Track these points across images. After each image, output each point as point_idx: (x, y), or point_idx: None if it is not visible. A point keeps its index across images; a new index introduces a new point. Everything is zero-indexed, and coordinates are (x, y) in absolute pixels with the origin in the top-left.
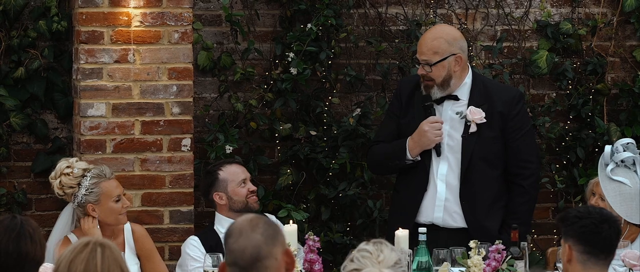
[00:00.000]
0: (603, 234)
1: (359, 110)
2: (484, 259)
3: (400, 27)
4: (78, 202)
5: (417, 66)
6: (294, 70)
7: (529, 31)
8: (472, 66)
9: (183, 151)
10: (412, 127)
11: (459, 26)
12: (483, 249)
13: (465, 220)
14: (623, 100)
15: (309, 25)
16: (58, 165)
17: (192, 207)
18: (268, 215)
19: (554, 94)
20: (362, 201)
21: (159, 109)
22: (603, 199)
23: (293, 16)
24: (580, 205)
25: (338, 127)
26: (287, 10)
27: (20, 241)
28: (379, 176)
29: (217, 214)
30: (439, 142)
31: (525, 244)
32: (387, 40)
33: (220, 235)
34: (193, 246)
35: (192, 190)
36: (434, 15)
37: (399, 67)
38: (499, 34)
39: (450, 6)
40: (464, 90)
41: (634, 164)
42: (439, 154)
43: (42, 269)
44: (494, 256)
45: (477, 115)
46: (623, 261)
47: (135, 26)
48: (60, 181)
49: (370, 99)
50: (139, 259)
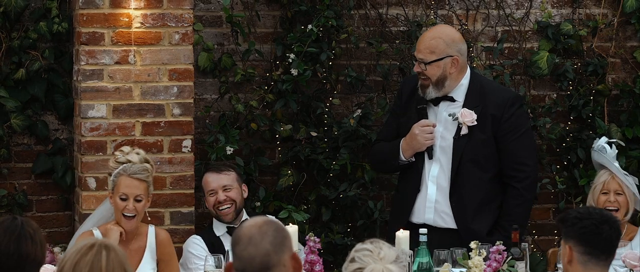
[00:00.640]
0: (603, 235)
1: (360, 111)
2: (485, 259)
3: (401, 28)
4: (109, 185)
5: (414, 63)
6: (295, 71)
7: (530, 32)
8: (472, 67)
9: (184, 152)
10: (408, 127)
11: (460, 27)
12: (484, 250)
13: (455, 221)
14: (624, 101)
15: (310, 26)
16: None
17: (192, 209)
18: (269, 216)
19: (555, 94)
20: (362, 202)
21: (160, 110)
22: (619, 193)
23: (294, 17)
24: (581, 206)
25: (339, 128)
26: (287, 11)
27: (21, 242)
28: (380, 177)
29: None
30: (431, 145)
31: (526, 245)
32: (387, 41)
33: (218, 236)
34: (196, 245)
35: (192, 191)
36: (435, 16)
37: (400, 68)
38: (500, 34)
39: (451, 7)
40: (460, 91)
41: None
42: (431, 156)
43: (42, 270)
44: (495, 257)
45: (468, 117)
46: (624, 262)
47: (136, 27)
48: (109, 161)
49: (371, 100)
50: (158, 262)
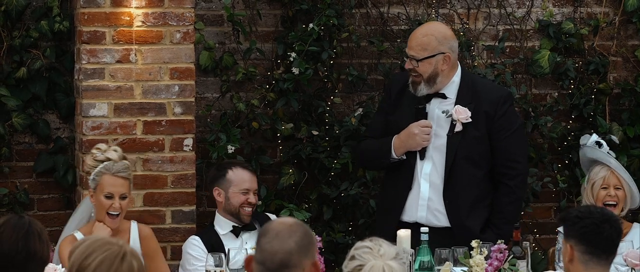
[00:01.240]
0: (604, 234)
1: (361, 110)
2: (486, 258)
3: (402, 27)
4: (90, 184)
5: (405, 60)
6: (296, 70)
7: (531, 31)
8: (470, 66)
9: (185, 151)
10: (399, 125)
11: (461, 26)
12: (485, 248)
13: (448, 219)
14: (625, 99)
15: (311, 25)
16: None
17: (194, 207)
18: (269, 215)
19: (556, 93)
20: (364, 201)
21: (161, 109)
22: (618, 188)
23: (295, 16)
24: (582, 205)
25: (340, 127)
26: (289, 10)
27: (29, 240)
28: (381, 176)
29: (216, 213)
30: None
31: (527, 243)
32: (389, 40)
33: (220, 235)
34: (194, 246)
35: (194, 190)
36: (436, 15)
37: (401, 67)
38: (501, 33)
39: (452, 6)
40: (452, 88)
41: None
42: (423, 157)
43: (47, 269)
44: (496, 256)
45: (462, 114)
46: (625, 261)
47: (137, 26)
48: (85, 159)
49: (372, 98)
50: (143, 258)
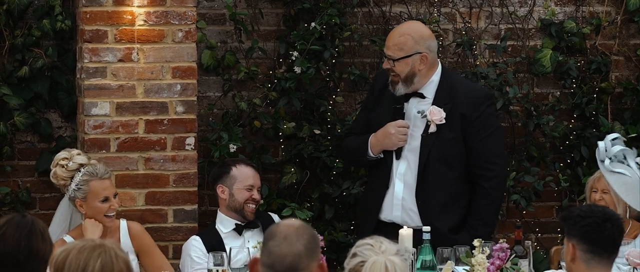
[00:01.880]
0: (606, 232)
1: None
2: (488, 257)
3: None
4: (69, 196)
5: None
6: (298, 69)
7: (533, 30)
8: (472, 65)
9: (187, 150)
10: (379, 123)
11: (463, 25)
12: (487, 247)
13: (421, 219)
14: (627, 98)
15: (313, 24)
16: (58, 154)
17: (196, 206)
18: (271, 214)
19: (558, 92)
20: None
21: (163, 107)
22: (605, 192)
23: (297, 15)
24: (584, 204)
25: (342, 126)
26: (291, 9)
27: (32, 238)
28: None
29: (218, 212)
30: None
31: (529, 243)
32: None
33: (221, 234)
34: (195, 247)
35: (196, 189)
36: (438, 13)
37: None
38: (503, 32)
39: (454, 5)
40: (430, 88)
41: (625, 157)
42: (399, 157)
43: (49, 268)
44: (498, 255)
45: (436, 115)
46: (627, 260)
47: (139, 25)
48: (55, 172)
49: None
50: (138, 255)
